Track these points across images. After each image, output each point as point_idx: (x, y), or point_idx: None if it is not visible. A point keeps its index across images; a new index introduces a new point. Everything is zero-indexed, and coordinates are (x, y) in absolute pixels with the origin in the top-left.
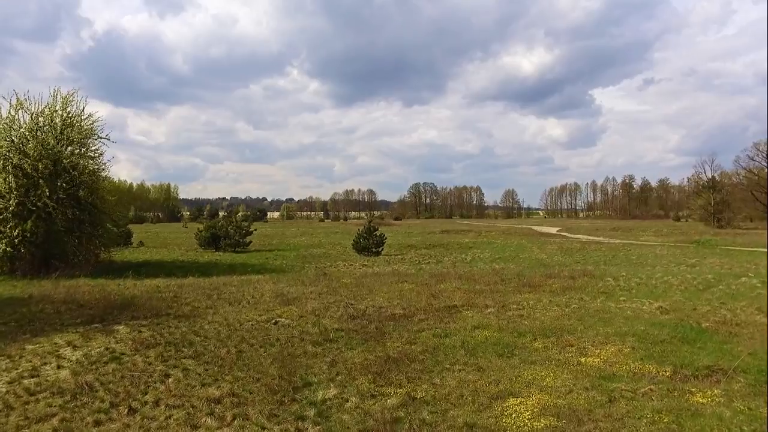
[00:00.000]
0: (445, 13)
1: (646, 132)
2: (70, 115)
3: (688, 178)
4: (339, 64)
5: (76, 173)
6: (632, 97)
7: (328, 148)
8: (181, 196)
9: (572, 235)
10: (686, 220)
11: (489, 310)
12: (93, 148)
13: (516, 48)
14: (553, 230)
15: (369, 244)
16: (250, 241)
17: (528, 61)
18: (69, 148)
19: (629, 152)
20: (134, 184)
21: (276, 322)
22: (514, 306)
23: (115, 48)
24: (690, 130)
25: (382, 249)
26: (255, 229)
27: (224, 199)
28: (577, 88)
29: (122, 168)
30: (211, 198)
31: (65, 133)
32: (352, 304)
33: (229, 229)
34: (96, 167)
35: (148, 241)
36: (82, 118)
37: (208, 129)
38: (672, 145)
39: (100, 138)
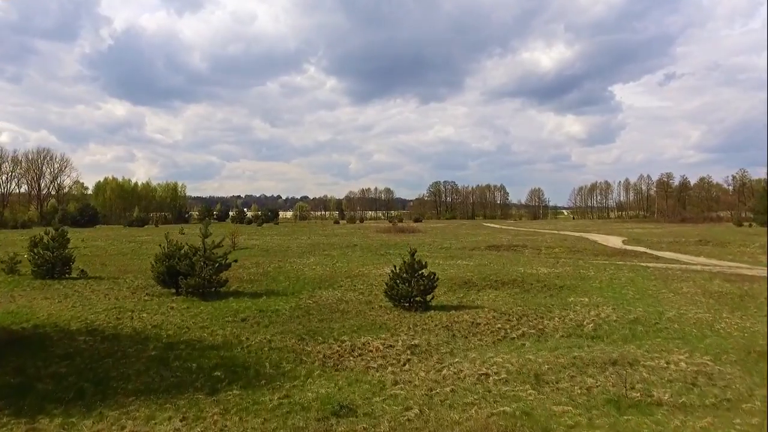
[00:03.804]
0: (464, 8)
1: (666, 128)
2: None
3: (733, 176)
4: (356, 61)
5: None
6: (653, 93)
7: (343, 146)
8: (196, 194)
9: (658, 253)
10: (749, 225)
11: None
12: None
13: (535, 44)
14: (616, 240)
15: (411, 290)
16: (226, 279)
17: (547, 56)
18: None
19: (648, 149)
20: (139, 183)
21: None
22: None
23: (133, 46)
24: (711, 126)
25: (432, 298)
26: (235, 260)
27: (239, 197)
28: (597, 84)
29: (140, 166)
30: (226, 196)
31: None
32: None
33: (194, 260)
34: None
35: (108, 262)
36: None
37: (225, 127)
38: (693, 141)
39: None
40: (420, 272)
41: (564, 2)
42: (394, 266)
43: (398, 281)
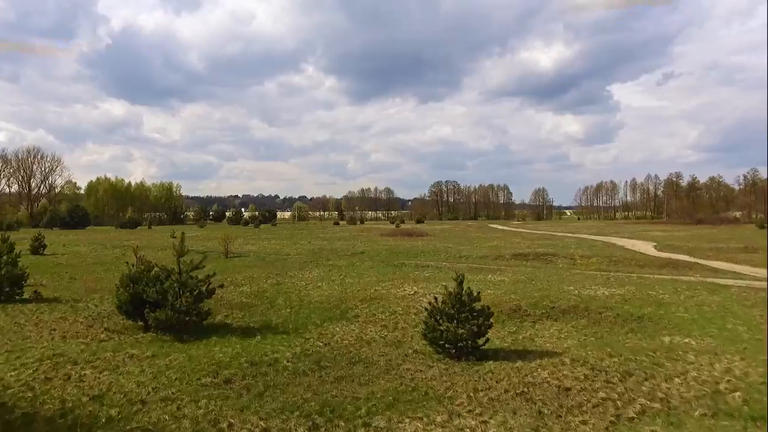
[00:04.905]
0: (463, 8)
1: (664, 128)
2: None
3: (744, 175)
4: (355, 61)
5: None
6: (651, 93)
7: (341, 146)
8: (194, 194)
9: (709, 263)
10: None
11: None
12: None
13: (534, 43)
14: (643, 245)
15: (459, 332)
16: (209, 311)
17: (546, 56)
18: None
19: (646, 148)
20: (133, 183)
21: None
22: None
23: (131, 46)
24: (709, 126)
25: (486, 341)
26: (221, 285)
27: (236, 197)
28: (595, 84)
29: (137, 166)
30: (223, 196)
31: None
32: None
33: (165, 286)
34: None
35: (79, 275)
36: None
37: (223, 126)
38: (690, 141)
39: None
40: (470, 307)
41: (563, 1)
42: (435, 297)
43: (440, 318)
